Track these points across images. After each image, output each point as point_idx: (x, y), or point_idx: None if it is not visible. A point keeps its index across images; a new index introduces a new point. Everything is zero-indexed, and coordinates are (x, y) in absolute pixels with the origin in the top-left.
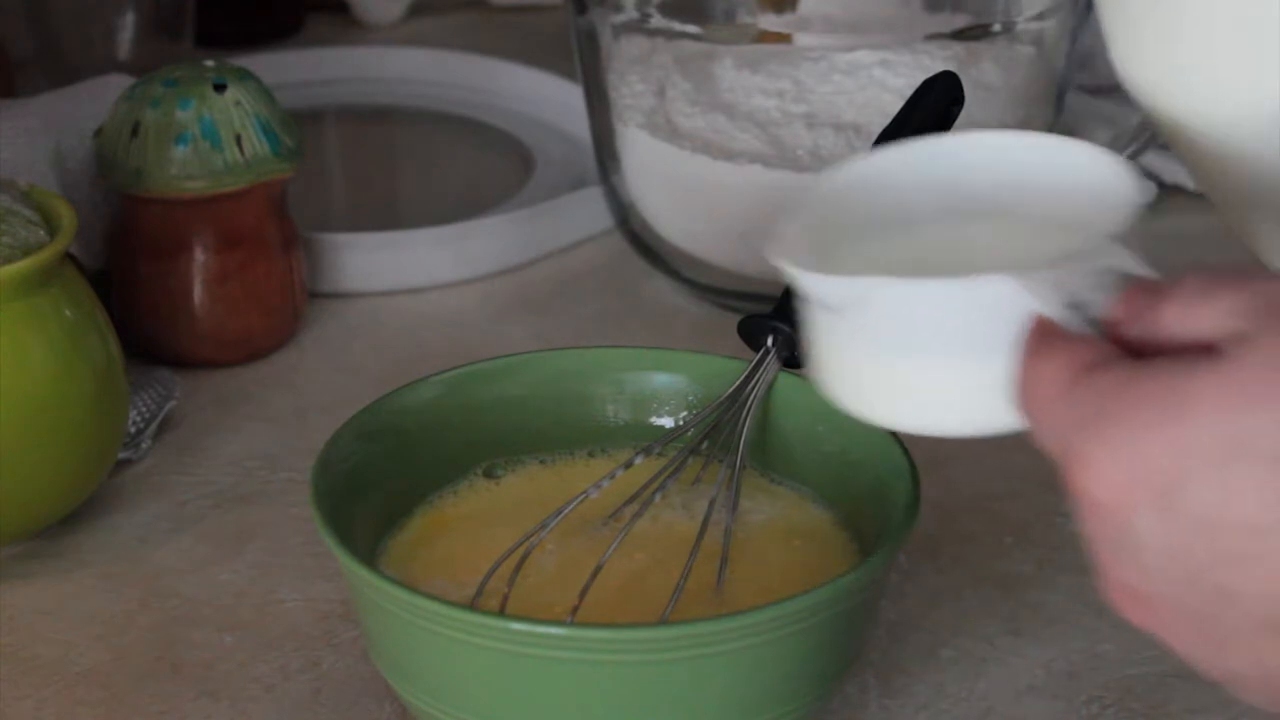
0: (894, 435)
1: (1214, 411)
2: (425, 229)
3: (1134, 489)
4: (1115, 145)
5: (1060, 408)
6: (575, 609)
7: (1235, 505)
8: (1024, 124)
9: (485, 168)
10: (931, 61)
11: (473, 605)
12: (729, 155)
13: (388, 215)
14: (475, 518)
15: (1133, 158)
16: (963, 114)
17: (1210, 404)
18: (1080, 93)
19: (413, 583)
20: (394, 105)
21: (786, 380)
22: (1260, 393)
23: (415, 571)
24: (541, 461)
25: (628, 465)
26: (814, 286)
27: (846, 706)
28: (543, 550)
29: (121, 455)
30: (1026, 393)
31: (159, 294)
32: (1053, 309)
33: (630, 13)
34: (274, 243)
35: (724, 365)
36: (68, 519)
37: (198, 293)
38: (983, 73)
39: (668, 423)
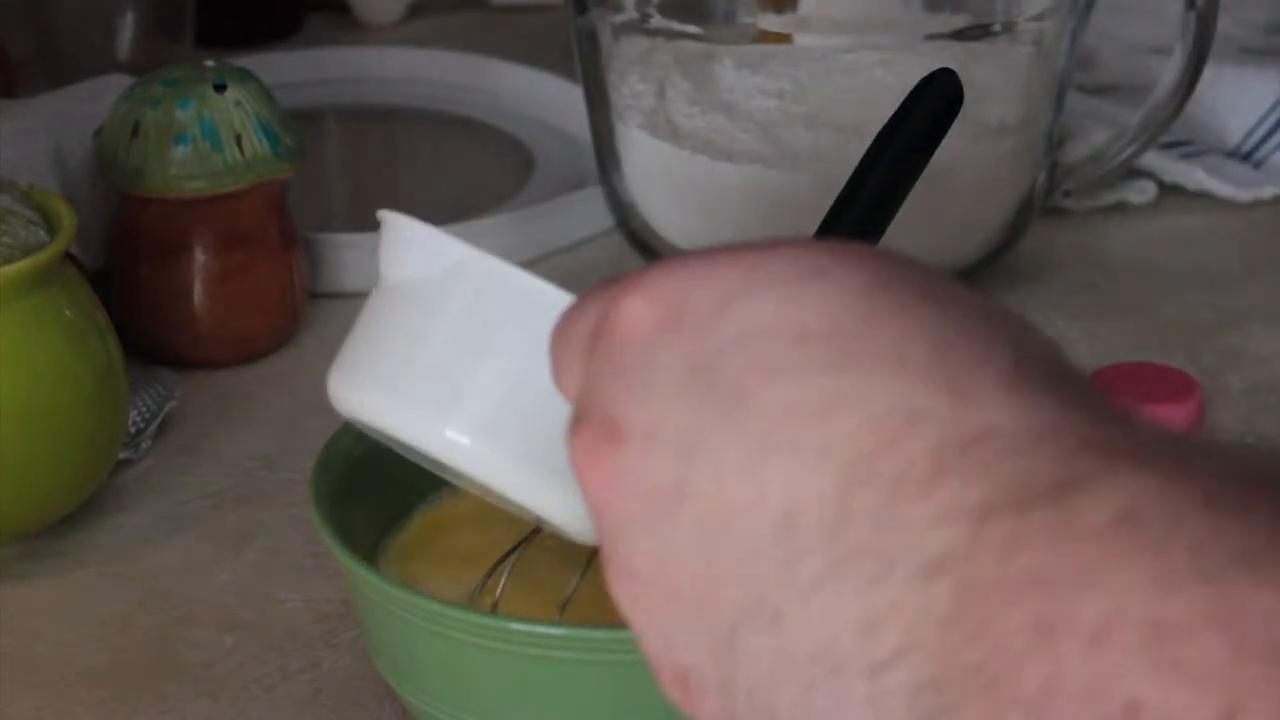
0: None
1: (796, 247)
2: None
3: (684, 303)
4: (1115, 145)
5: (598, 290)
6: (564, 605)
7: (783, 315)
8: (1024, 124)
9: (485, 168)
10: (931, 62)
11: (472, 605)
12: (729, 155)
13: None
14: (475, 518)
15: (1133, 158)
16: (963, 114)
17: (794, 244)
18: (1080, 93)
19: (413, 583)
20: (394, 105)
21: None
22: (854, 249)
23: (415, 571)
24: None
25: None
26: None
27: None
28: (542, 549)
29: (121, 455)
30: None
31: (159, 294)
32: None
33: (630, 13)
34: (274, 243)
35: None
36: (68, 519)
37: (198, 293)
38: (983, 72)
39: None
